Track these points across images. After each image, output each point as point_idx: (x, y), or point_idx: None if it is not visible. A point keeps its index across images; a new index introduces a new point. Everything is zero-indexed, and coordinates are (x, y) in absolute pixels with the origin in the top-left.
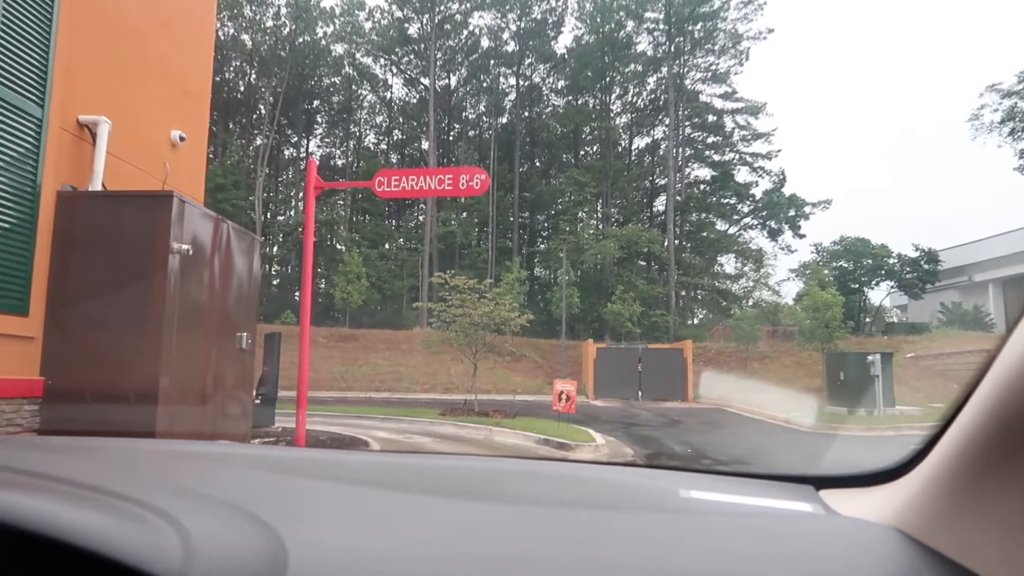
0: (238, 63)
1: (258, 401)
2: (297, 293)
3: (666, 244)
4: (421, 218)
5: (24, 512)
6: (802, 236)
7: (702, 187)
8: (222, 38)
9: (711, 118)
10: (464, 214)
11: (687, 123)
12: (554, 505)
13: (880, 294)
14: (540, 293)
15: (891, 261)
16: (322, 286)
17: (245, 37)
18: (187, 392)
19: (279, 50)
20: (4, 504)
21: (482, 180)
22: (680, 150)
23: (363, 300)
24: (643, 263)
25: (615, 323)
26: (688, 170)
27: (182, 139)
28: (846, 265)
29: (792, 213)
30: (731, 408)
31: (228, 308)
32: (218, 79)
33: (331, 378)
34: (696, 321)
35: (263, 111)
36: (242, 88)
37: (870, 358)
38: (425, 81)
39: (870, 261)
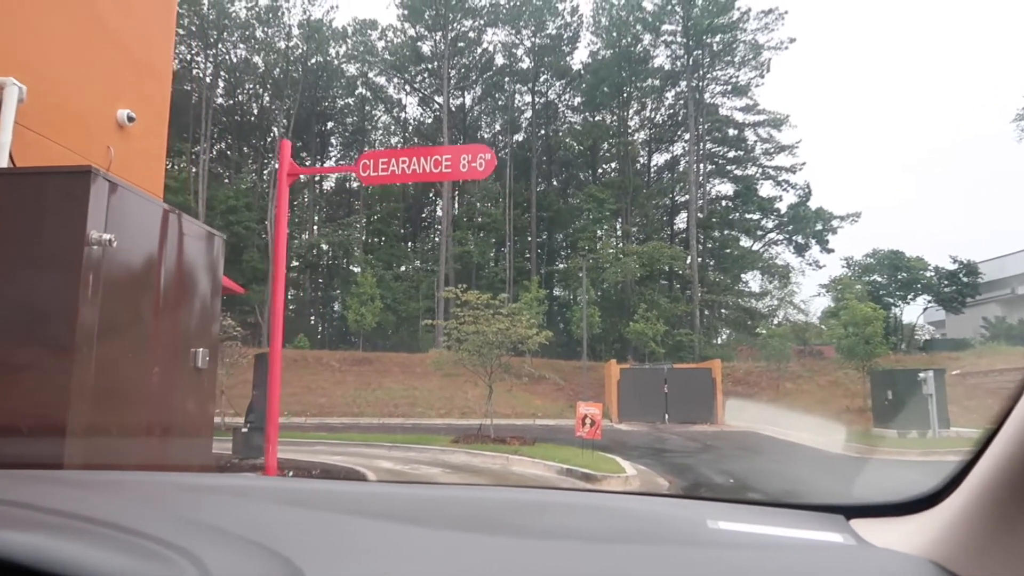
0: (251, 86)
1: (246, 429)
2: (313, 317)
3: (689, 261)
4: (437, 239)
5: (47, 554)
6: (830, 251)
7: (724, 203)
8: (234, 60)
9: (732, 132)
10: (481, 234)
11: (707, 137)
12: (576, 538)
13: (915, 309)
14: (560, 313)
15: (927, 274)
16: (336, 309)
17: (257, 59)
18: (115, 421)
19: (292, 71)
20: (28, 546)
21: (486, 160)
22: (701, 165)
23: (377, 322)
24: (665, 281)
25: (638, 343)
26: (710, 185)
27: (131, 119)
28: (880, 279)
29: (819, 227)
30: (765, 431)
31: (178, 318)
32: (231, 102)
33: (343, 403)
34: (721, 340)
35: (276, 133)
36: (255, 111)
37: (921, 375)
38: (439, 100)
39: (905, 274)
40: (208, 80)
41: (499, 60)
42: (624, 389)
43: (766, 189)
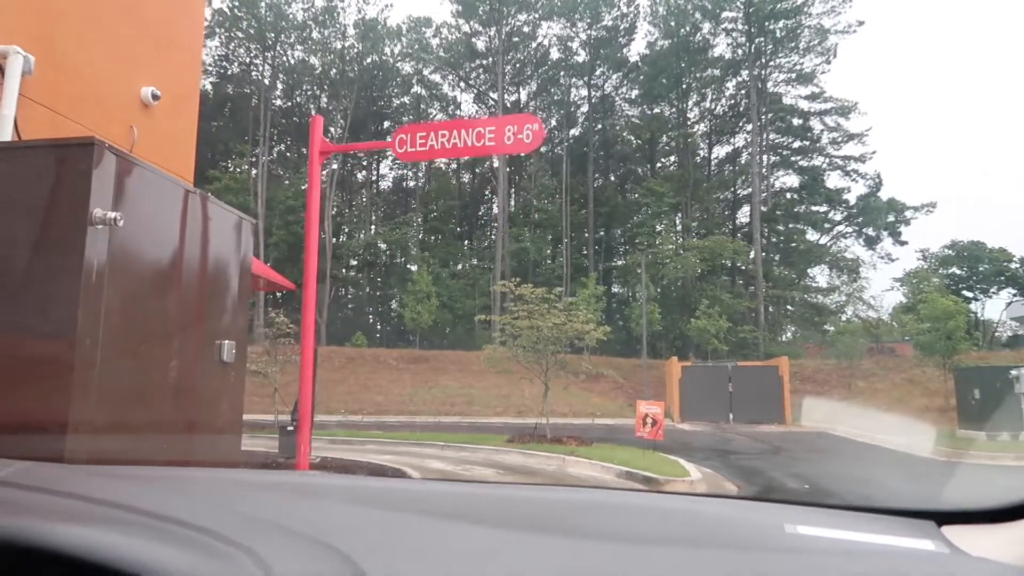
0: (309, 87)
1: (291, 428)
2: (371, 315)
3: (752, 256)
4: (493, 236)
5: (113, 550)
6: (904, 243)
7: (789, 195)
8: (292, 62)
9: (797, 121)
10: (537, 230)
11: (771, 128)
12: (643, 542)
13: (997, 304)
14: (618, 311)
15: (1012, 266)
16: (394, 307)
17: (314, 60)
18: (125, 417)
19: (348, 71)
20: (92, 541)
21: (534, 131)
22: (764, 157)
23: (433, 320)
24: (727, 277)
25: (700, 340)
26: (773, 177)
27: (156, 97)
28: (959, 272)
29: (891, 219)
30: (838, 432)
31: (201, 308)
32: (289, 104)
33: (400, 401)
34: (787, 337)
35: (333, 133)
36: (313, 112)
37: (1014, 372)
38: (494, 96)
39: (987, 267)
40: (267, 82)
41: (554, 54)
42: (686, 387)
43: (834, 180)
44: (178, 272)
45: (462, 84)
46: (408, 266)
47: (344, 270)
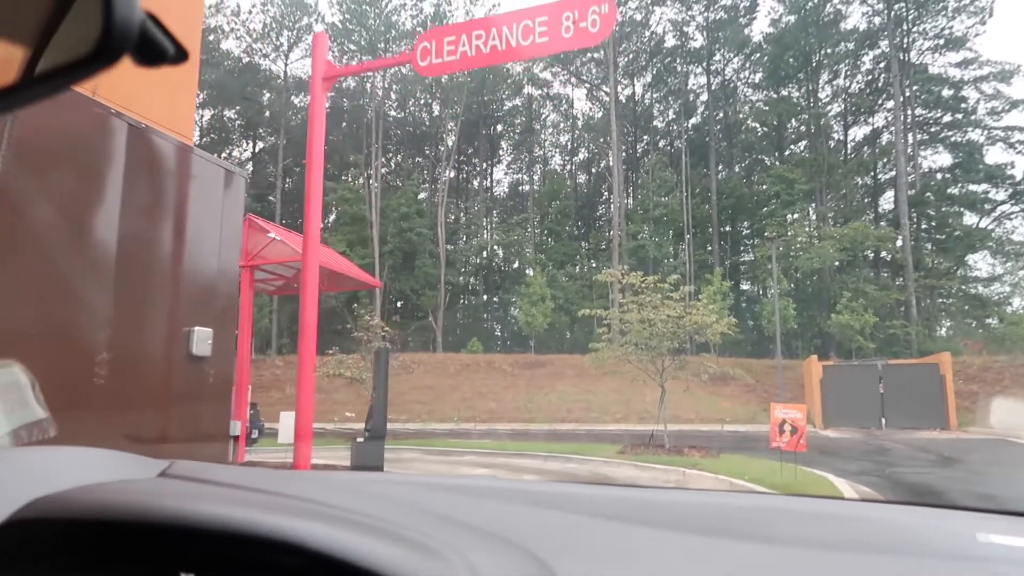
0: (422, 95)
1: (362, 439)
2: (488, 321)
3: (900, 243)
4: (611, 235)
5: (338, 544)
6: None
7: (941, 175)
8: (404, 71)
9: (947, 93)
10: (656, 226)
11: (916, 102)
12: (826, 547)
13: None
14: (747, 309)
15: None
16: (512, 312)
17: None
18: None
19: (458, 76)
20: (320, 535)
21: (602, 15)
22: (910, 135)
23: (549, 323)
24: (867, 271)
25: (842, 337)
26: (921, 157)
27: None
28: None
29: None
30: (1021, 439)
31: (155, 283)
32: (403, 114)
33: (514, 408)
34: (944, 333)
35: (447, 141)
36: (427, 121)
37: None
38: (607, 89)
39: None
40: (379, 92)
41: (669, 41)
42: (829, 389)
43: (994, 155)
44: (113, 229)
45: (573, 80)
46: (523, 269)
47: (458, 276)
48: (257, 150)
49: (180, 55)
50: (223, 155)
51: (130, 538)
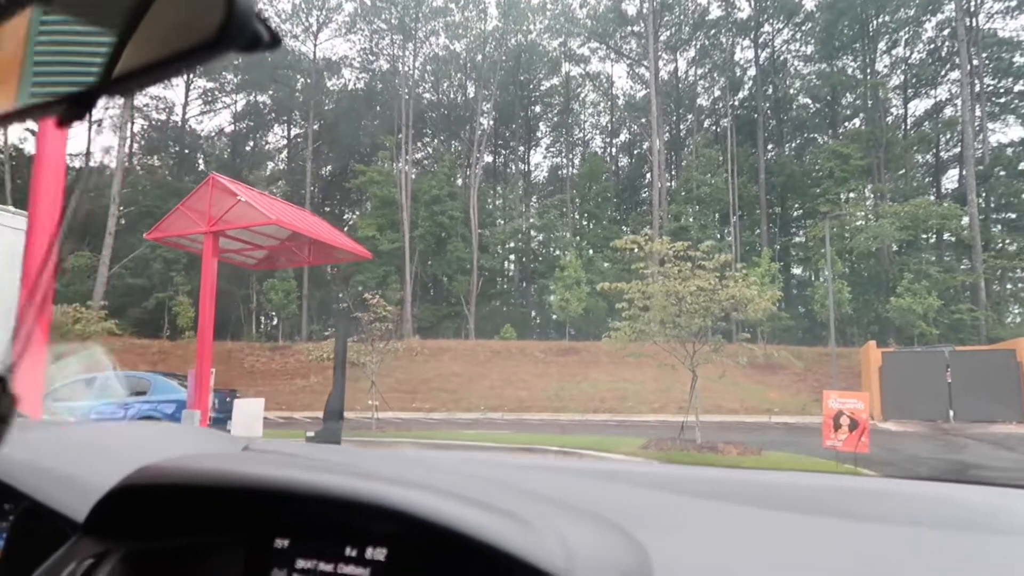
0: (457, 75)
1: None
2: (522, 306)
3: (966, 222)
4: (651, 215)
5: (437, 509)
6: None
7: (1012, 149)
8: (437, 52)
9: (1020, 60)
10: (700, 207)
11: (985, 71)
12: (919, 525)
13: None
14: (798, 294)
15: None
16: (544, 298)
17: (458, 46)
18: None
19: (493, 55)
20: (418, 500)
21: None
22: (977, 106)
23: (584, 308)
24: (928, 254)
25: (902, 322)
26: (989, 131)
27: None
28: None
29: None
30: None
31: None
32: (436, 96)
33: (545, 397)
34: (1016, 318)
35: (483, 122)
36: (460, 102)
37: None
38: (647, 64)
39: None
40: (409, 71)
41: (714, 11)
42: (889, 378)
43: None
44: None
45: (613, 56)
46: (565, 252)
47: (493, 261)
48: (292, 136)
49: (274, 41)
50: (256, 141)
51: (228, 505)
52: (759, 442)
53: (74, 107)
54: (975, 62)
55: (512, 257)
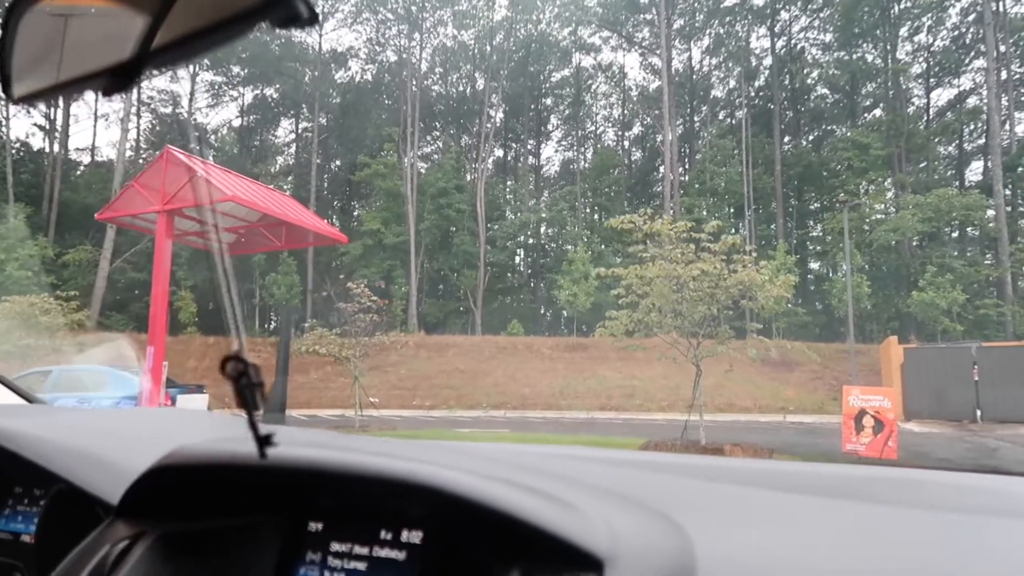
0: (465, 66)
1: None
2: (531, 301)
3: (992, 214)
4: (663, 208)
5: (477, 489)
6: None
7: None
8: (445, 43)
9: None
10: (714, 199)
11: (1012, 57)
12: (966, 512)
13: None
14: (815, 289)
15: None
16: (553, 293)
17: (466, 35)
18: None
19: (501, 44)
20: (455, 480)
21: None
22: (1004, 95)
23: (592, 303)
24: (955, 246)
25: (924, 318)
26: (1017, 120)
27: None
28: None
29: None
30: None
31: None
32: (444, 89)
33: (549, 394)
34: None
35: (492, 115)
36: (469, 94)
37: None
38: (660, 54)
39: None
40: (422, 65)
41: None
42: (911, 376)
43: None
44: None
45: (625, 45)
46: (568, 247)
47: (501, 255)
48: (300, 131)
49: (312, 17)
50: (264, 135)
51: (261, 488)
52: (770, 443)
53: (118, 78)
54: (1002, 48)
55: (521, 252)
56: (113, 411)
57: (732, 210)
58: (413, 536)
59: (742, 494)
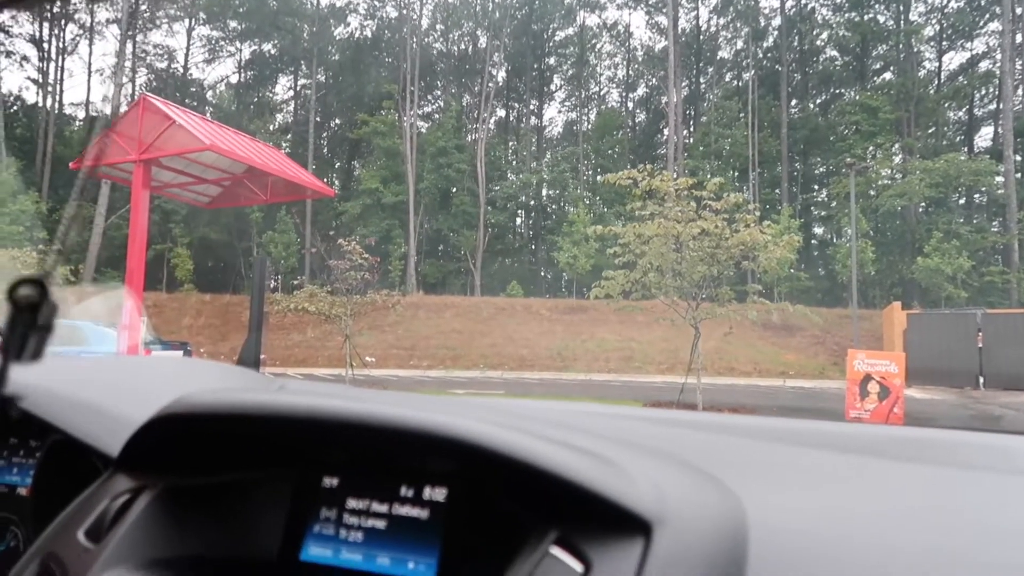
0: (468, 24)
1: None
2: (531, 263)
3: (1001, 180)
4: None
5: (503, 442)
6: None
7: None
8: (450, 1)
9: None
10: (718, 161)
11: None
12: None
13: None
14: (819, 255)
15: None
16: (559, 257)
17: None
18: None
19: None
20: (485, 432)
21: None
22: (1020, 58)
23: (592, 264)
24: (962, 212)
25: (929, 284)
26: None
27: None
28: None
29: None
30: None
31: None
32: (445, 47)
33: (547, 356)
34: None
35: (494, 74)
36: (471, 52)
37: None
38: (667, 12)
39: None
40: (422, 22)
41: None
42: (914, 342)
43: None
44: None
45: (631, 3)
46: (569, 209)
47: (501, 216)
48: (299, 88)
49: None
50: (262, 92)
51: (270, 439)
52: (769, 407)
53: None
54: (1018, 10)
55: (521, 213)
56: (113, 359)
57: (736, 173)
58: (437, 494)
59: (791, 454)
